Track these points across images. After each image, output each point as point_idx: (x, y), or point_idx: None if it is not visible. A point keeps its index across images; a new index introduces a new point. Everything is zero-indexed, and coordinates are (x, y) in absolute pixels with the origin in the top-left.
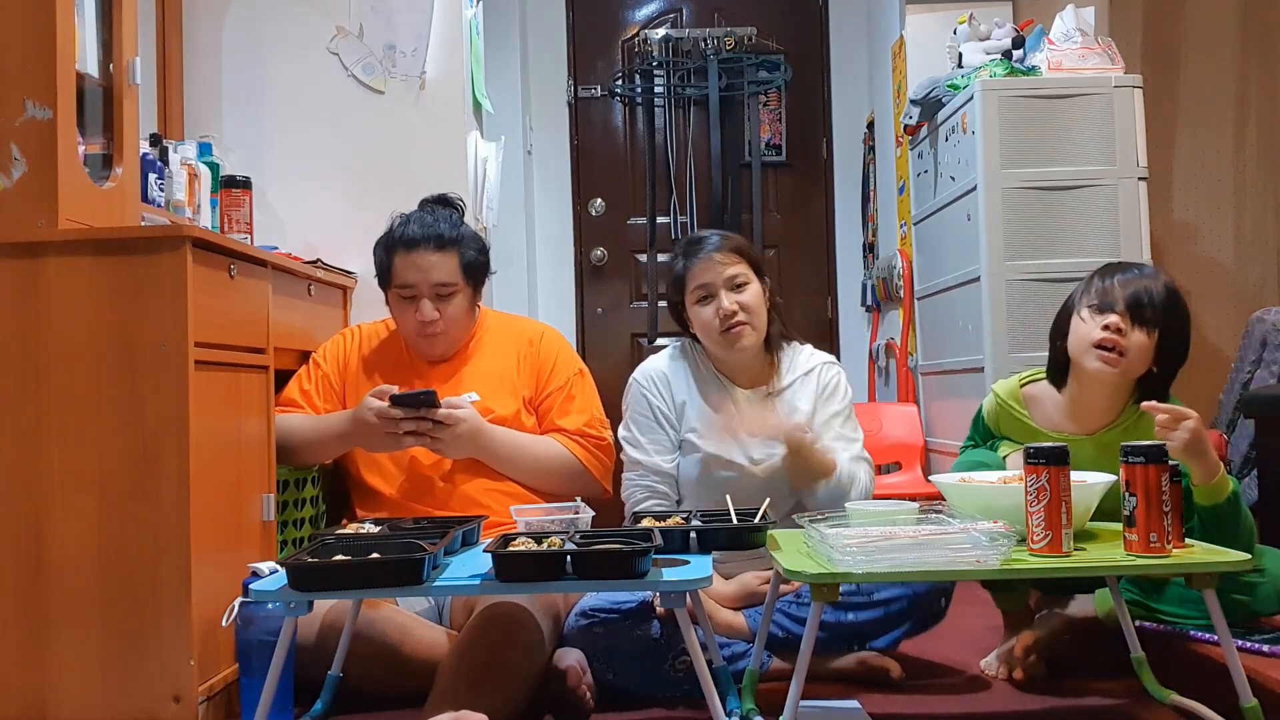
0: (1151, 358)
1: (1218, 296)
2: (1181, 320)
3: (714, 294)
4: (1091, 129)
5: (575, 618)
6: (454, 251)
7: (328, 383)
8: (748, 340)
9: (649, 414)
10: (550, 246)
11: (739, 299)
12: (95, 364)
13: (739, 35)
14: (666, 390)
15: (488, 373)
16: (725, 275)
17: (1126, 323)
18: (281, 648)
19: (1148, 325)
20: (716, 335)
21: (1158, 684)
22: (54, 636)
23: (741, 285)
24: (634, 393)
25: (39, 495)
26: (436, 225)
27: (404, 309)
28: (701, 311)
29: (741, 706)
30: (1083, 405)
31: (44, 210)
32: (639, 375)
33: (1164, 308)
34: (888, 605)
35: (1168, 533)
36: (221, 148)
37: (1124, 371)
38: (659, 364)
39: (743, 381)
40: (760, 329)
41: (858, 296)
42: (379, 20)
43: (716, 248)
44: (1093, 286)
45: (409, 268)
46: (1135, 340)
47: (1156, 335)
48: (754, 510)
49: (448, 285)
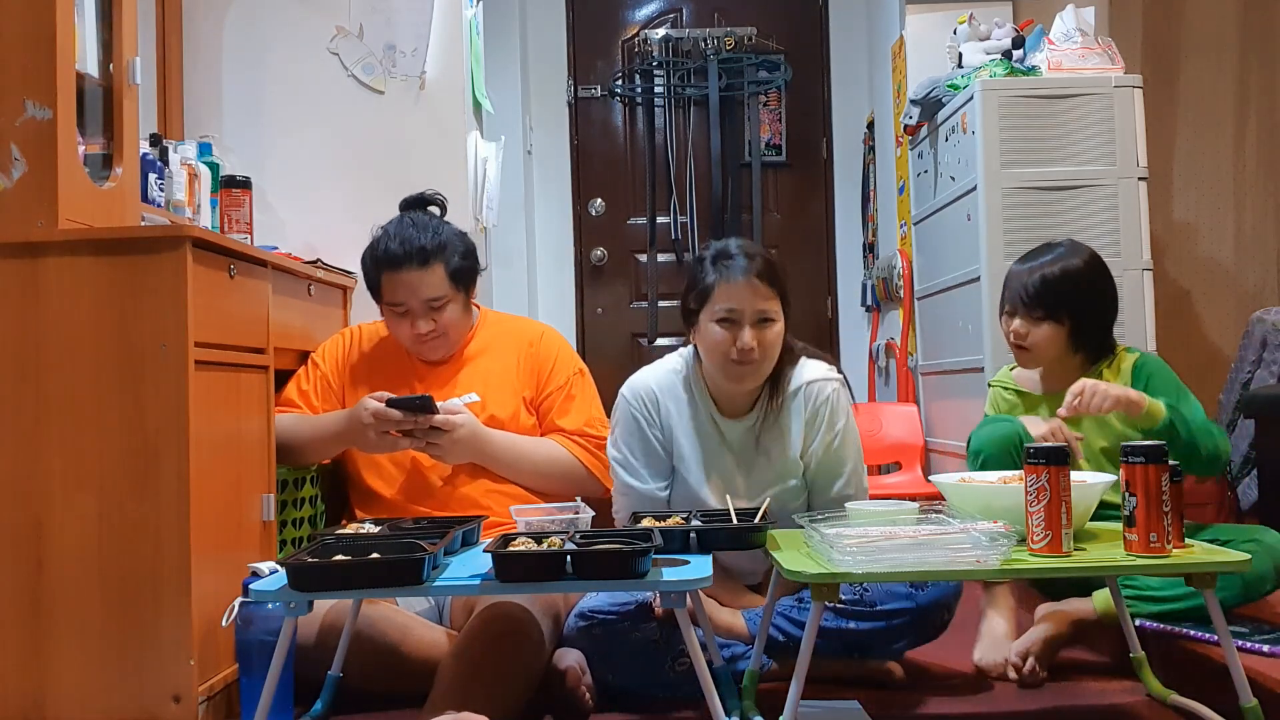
0: (1066, 335)
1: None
2: (1086, 293)
3: (738, 322)
4: (1091, 129)
5: (575, 619)
6: (439, 263)
7: (326, 383)
8: (751, 382)
9: (641, 436)
10: (550, 246)
11: (761, 336)
12: (95, 364)
13: (739, 35)
14: (656, 413)
15: (488, 373)
16: (756, 308)
17: (1026, 323)
18: (281, 648)
19: (1047, 315)
20: (724, 363)
21: (1158, 684)
22: (54, 636)
23: (767, 322)
24: (624, 411)
25: (39, 495)
26: (418, 238)
27: (398, 323)
28: (716, 332)
29: (741, 707)
30: (1049, 376)
31: (44, 210)
32: (629, 393)
33: (1059, 292)
34: (891, 618)
35: (1168, 533)
36: (221, 148)
37: (1041, 360)
38: (650, 382)
39: (732, 412)
40: (767, 369)
41: (858, 296)
42: (379, 20)
43: (755, 272)
44: (1008, 287)
45: (397, 287)
46: (1039, 334)
47: (1064, 317)
48: (754, 510)
49: (438, 299)
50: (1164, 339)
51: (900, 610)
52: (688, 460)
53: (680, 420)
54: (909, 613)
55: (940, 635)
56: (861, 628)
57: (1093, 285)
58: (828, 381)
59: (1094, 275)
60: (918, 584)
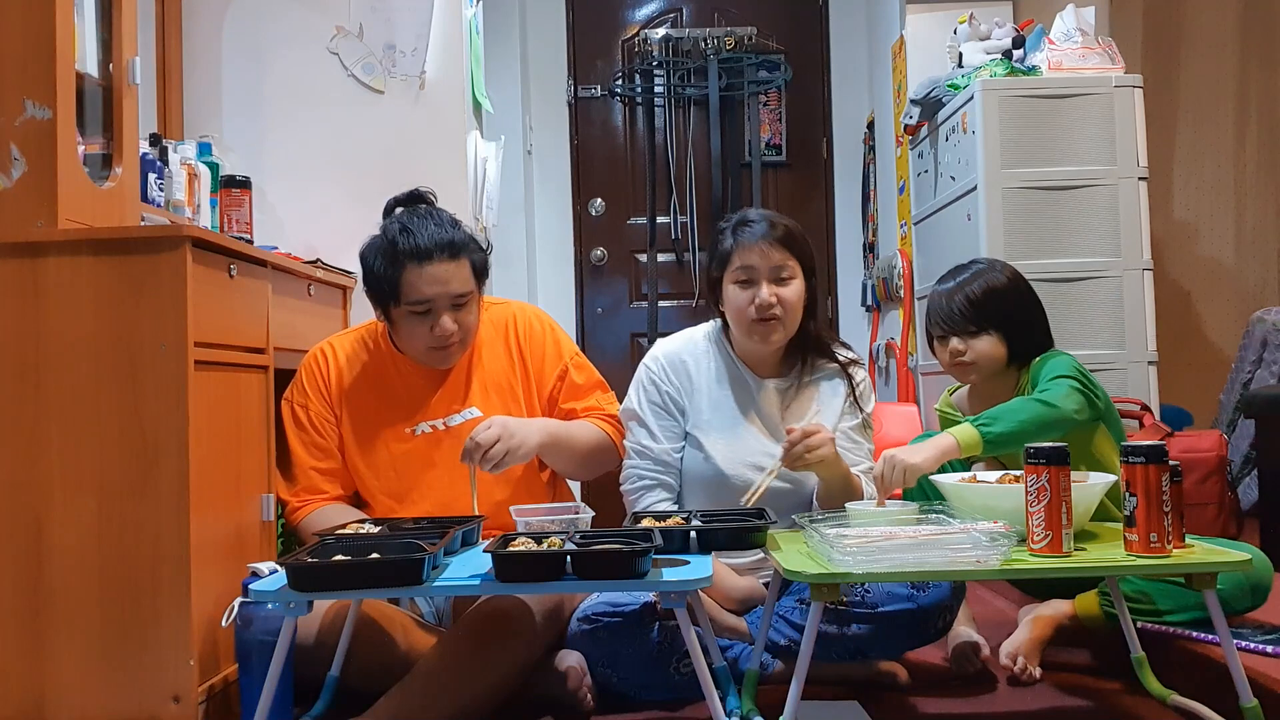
0: (1004, 345)
1: (1218, 296)
2: (1012, 302)
3: (755, 280)
4: (1091, 129)
5: (578, 622)
6: (465, 257)
7: (323, 426)
8: (777, 336)
9: (659, 400)
10: (550, 246)
11: (779, 292)
12: (95, 364)
13: (739, 35)
14: (681, 377)
15: (486, 384)
16: (771, 264)
17: (962, 340)
18: (281, 648)
19: (981, 330)
20: (746, 323)
21: (1158, 684)
22: (54, 636)
23: (786, 279)
24: (642, 373)
25: (39, 495)
26: (443, 230)
27: (417, 325)
28: (739, 294)
29: (741, 707)
30: (985, 395)
31: (44, 210)
32: (656, 356)
33: (987, 307)
34: (891, 620)
35: (1168, 533)
36: (221, 147)
37: (985, 373)
38: (678, 348)
39: (764, 372)
40: (791, 327)
41: (858, 296)
42: (379, 20)
43: (766, 233)
44: (932, 313)
45: (425, 282)
46: (979, 346)
47: (994, 330)
48: (753, 510)
49: (464, 295)
50: (1164, 339)
51: (900, 613)
52: (713, 422)
53: (709, 380)
54: (908, 615)
55: (941, 637)
56: (862, 631)
57: (1016, 294)
58: (862, 367)
59: (1015, 285)
60: (919, 586)
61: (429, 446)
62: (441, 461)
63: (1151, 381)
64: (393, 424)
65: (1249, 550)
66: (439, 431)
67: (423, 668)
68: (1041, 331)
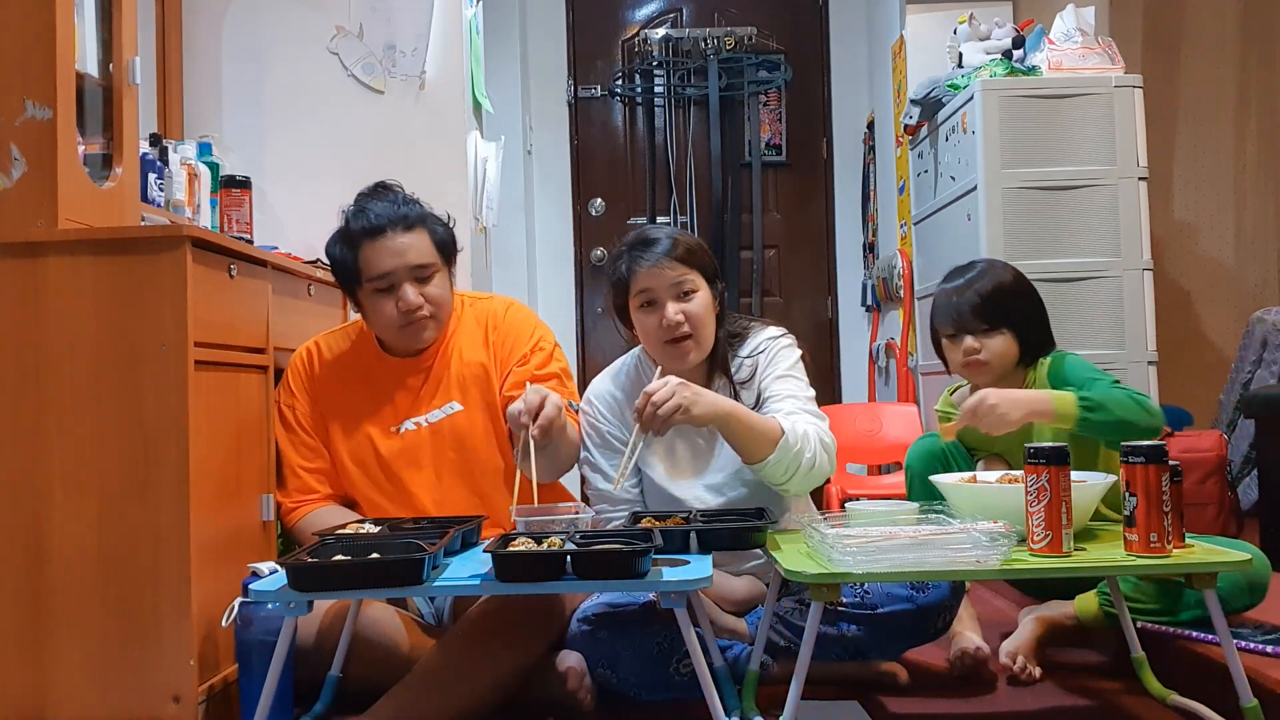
0: (1016, 344)
1: (1218, 296)
2: (1020, 300)
3: (658, 300)
4: (1091, 129)
5: (578, 623)
6: (423, 229)
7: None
8: (693, 355)
9: (603, 443)
10: (550, 246)
11: (684, 308)
12: (95, 364)
13: (739, 35)
14: (615, 413)
15: (465, 378)
16: (671, 281)
17: (978, 338)
18: (281, 648)
19: (996, 327)
20: (660, 346)
21: (1158, 684)
22: (54, 636)
23: (689, 293)
24: (586, 420)
25: (39, 495)
26: (396, 205)
27: (382, 302)
28: (645, 319)
29: (741, 707)
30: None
31: (44, 210)
32: (589, 398)
33: (999, 304)
34: (890, 621)
35: (1168, 533)
36: (221, 147)
37: (999, 373)
38: (605, 385)
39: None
40: (706, 342)
41: (858, 296)
42: (379, 20)
43: (664, 252)
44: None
45: (382, 255)
46: (993, 347)
47: (1007, 328)
48: (753, 510)
49: (426, 266)
50: (1164, 339)
51: (899, 613)
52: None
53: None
54: (907, 615)
55: (941, 636)
56: (862, 632)
57: (1023, 293)
58: (771, 340)
59: (1020, 284)
60: (918, 586)
61: (414, 445)
62: (428, 462)
63: (1151, 381)
64: (378, 423)
65: (1249, 550)
66: (421, 429)
67: (423, 668)
68: (1046, 331)
